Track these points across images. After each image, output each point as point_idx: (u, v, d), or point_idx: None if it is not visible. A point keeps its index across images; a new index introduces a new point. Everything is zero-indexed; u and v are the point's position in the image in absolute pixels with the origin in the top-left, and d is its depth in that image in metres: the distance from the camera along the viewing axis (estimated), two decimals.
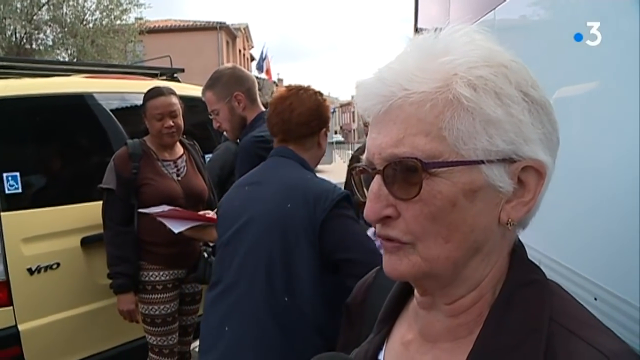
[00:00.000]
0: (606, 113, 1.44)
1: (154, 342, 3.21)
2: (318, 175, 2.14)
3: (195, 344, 3.73)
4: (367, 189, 0.79)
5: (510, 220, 0.72)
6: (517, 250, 0.79)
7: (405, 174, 0.70)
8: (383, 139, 0.72)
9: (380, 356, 0.89)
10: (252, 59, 46.03)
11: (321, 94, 2.17)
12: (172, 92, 3.25)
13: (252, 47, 47.33)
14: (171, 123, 3.17)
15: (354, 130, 75.21)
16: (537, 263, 0.81)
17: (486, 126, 0.68)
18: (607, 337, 0.70)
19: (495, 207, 0.72)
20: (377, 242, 1.09)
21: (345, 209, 1.93)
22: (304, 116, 2.09)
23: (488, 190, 0.70)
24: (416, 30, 4.76)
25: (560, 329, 0.70)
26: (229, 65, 3.19)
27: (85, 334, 3.29)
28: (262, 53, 37.46)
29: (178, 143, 3.37)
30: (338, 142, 24.22)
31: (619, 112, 1.38)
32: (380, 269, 1.05)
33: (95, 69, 4.51)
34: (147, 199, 3.11)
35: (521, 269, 0.77)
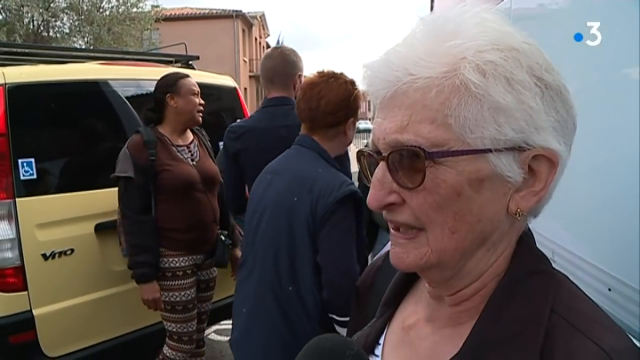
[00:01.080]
0: (606, 113, 1.43)
1: (174, 329, 3.21)
2: None
3: (212, 329, 3.76)
4: (365, 175, 0.79)
5: (519, 210, 0.70)
6: (525, 239, 0.76)
7: (409, 161, 0.68)
8: (388, 125, 0.70)
9: (381, 340, 0.88)
10: (268, 47, 46.00)
11: (353, 83, 2.12)
12: None
13: (268, 35, 47.33)
14: (202, 101, 3.27)
15: (370, 119, 75.11)
16: (551, 253, 0.79)
17: (495, 114, 0.66)
18: (610, 333, 0.67)
19: (503, 196, 0.70)
20: (386, 249, 1.07)
21: (346, 209, 1.94)
22: (331, 105, 2.05)
23: (495, 179, 0.68)
24: None
25: (561, 322, 0.68)
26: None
27: (99, 320, 3.31)
28: (278, 42, 37.41)
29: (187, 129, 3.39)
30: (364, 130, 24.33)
31: (619, 112, 1.38)
32: (389, 254, 1.04)
33: (110, 55, 4.50)
34: (166, 185, 3.12)
35: (527, 258, 0.75)
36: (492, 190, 0.68)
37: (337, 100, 2.05)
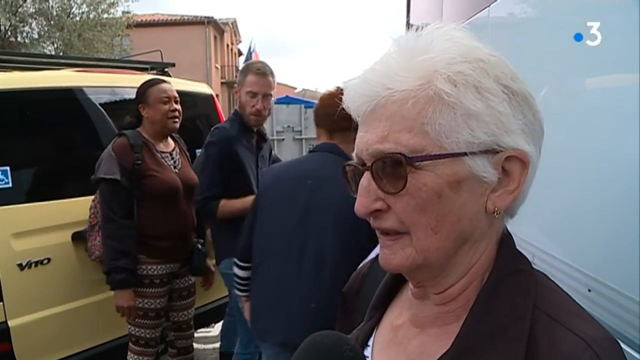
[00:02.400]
0: (606, 113, 1.44)
1: (142, 335, 3.16)
2: None
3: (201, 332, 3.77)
4: (351, 186, 0.84)
5: (496, 208, 0.75)
6: (505, 240, 0.82)
7: (392, 168, 0.73)
8: (370, 136, 0.75)
9: (370, 342, 0.92)
10: (240, 53, 45.88)
11: None
12: (169, 82, 3.35)
13: (240, 41, 47.18)
14: (176, 107, 3.20)
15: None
16: (532, 257, 0.82)
17: (467, 119, 0.71)
18: (588, 324, 0.73)
19: (480, 196, 0.75)
20: (370, 256, 1.12)
21: None
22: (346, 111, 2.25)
23: (472, 180, 0.73)
24: (408, 25, 4.78)
25: (543, 317, 0.73)
26: None
27: (76, 330, 3.27)
28: (249, 48, 37.30)
29: (168, 136, 3.36)
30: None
31: (619, 112, 1.38)
32: (375, 260, 1.09)
33: (86, 62, 4.45)
34: (151, 191, 3.08)
35: (508, 258, 0.80)
36: (470, 191, 0.73)
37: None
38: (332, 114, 2.18)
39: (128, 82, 3.97)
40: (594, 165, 1.47)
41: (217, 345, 4.36)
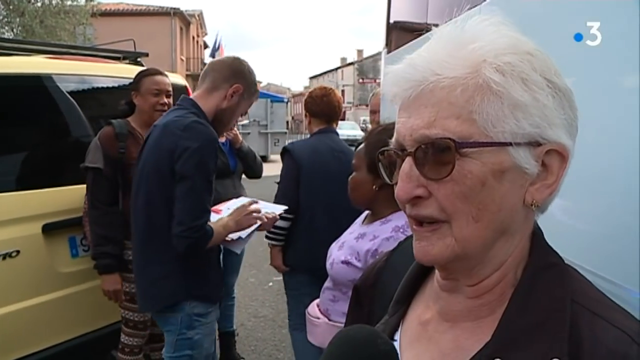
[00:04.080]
0: (606, 113, 1.46)
1: (130, 317, 3.26)
2: (273, 164, 2.64)
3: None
4: (385, 173, 0.84)
5: (534, 201, 0.76)
6: (537, 234, 0.82)
7: (437, 154, 0.73)
8: (414, 122, 0.75)
9: (397, 336, 0.91)
10: (206, 46, 45.41)
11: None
12: (166, 75, 3.43)
13: (206, 34, 46.69)
14: (166, 101, 3.29)
15: (305, 120, 75.36)
16: None
17: (514, 110, 0.72)
18: (626, 317, 0.74)
19: (520, 188, 0.75)
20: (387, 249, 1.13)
21: None
22: (339, 104, 3.56)
23: (515, 171, 0.74)
24: (388, 23, 4.77)
25: (583, 310, 0.73)
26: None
27: (46, 324, 3.17)
28: (215, 41, 36.93)
29: None
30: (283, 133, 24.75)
31: (619, 113, 1.40)
32: (392, 253, 1.09)
33: (57, 49, 4.31)
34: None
35: (542, 252, 0.81)
36: (511, 182, 0.74)
37: (339, 102, 3.56)
38: (331, 107, 3.46)
39: (100, 71, 3.90)
40: (594, 165, 1.48)
41: None
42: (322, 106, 3.45)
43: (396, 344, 0.89)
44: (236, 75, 2.59)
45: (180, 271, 2.46)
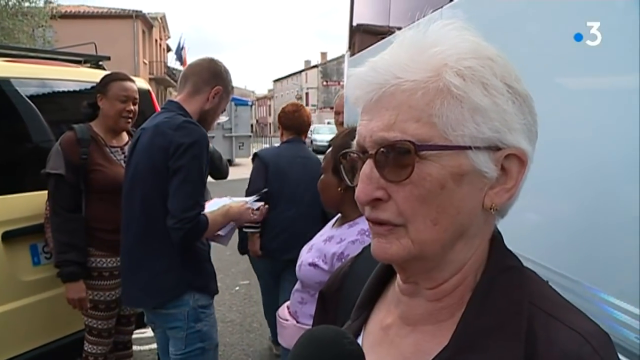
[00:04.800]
0: (606, 113, 1.45)
1: (94, 325, 3.21)
2: (238, 167, 2.82)
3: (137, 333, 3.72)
4: (347, 175, 0.84)
5: (493, 205, 0.76)
6: (497, 238, 0.83)
7: (397, 157, 0.73)
8: (375, 124, 0.75)
9: (359, 341, 0.91)
10: (169, 49, 44.89)
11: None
12: (134, 81, 3.38)
13: (169, 37, 46.19)
14: (132, 108, 3.23)
15: (270, 124, 75.07)
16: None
17: (473, 114, 0.72)
18: (581, 318, 0.76)
19: (480, 191, 0.76)
20: (351, 254, 1.13)
21: None
22: (308, 120, 4.22)
23: (474, 175, 0.74)
24: (351, 26, 4.79)
25: (539, 312, 0.75)
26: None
27: (8, 334, 3.09)
28: (179, 43, 36.54)
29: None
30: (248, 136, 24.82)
31: (619, 113, 1.39)
32: (356, 258, 1.09)
33: (15, 52, 4.20)
34: (97, 185, 3.08)
35: (501, 255, 0.82)
36: (470, 185, 0.75)
37: (309, 117, 4.23)
38: (300, 121, 4.12)
39: (60, 75, 3.82)
40: (594, 166, 1.47)
41: (154, 346, 4.26)
42: (293, 120, 4.10)
43: None
44: (216, 77, 2.72)
45: (180, 264, 2.55)
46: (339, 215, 2.32)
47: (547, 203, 1.65)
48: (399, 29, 0.82)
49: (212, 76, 2.70)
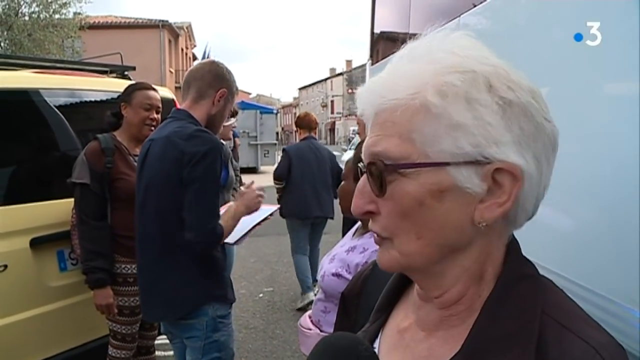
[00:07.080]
0: (606, 113, 1.44)
1: (118, 330, 3.25)
2: (263, 175, 2.92)
3: (161, 339, 3.76)
4: None
5: (482, 220, 0.74)
6: (512, 246, 0.82)
7: (378, 172, 0.76)
8: (369, 140, 0.79)
9: (376, 344, 0.92)
10: (195, 58, 45.34)
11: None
12: (157, 90, 3.45)
13: (195, 46, 46.68)
14: (156, 116, 3.30)
15: (295, 132, 75.38)
16: None
17: (451, 130, 0.72)
18: (594, 329, 0.74)
19: (466, 206, 0.74)
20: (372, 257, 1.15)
21: None
22: (315, 120, 6.51)
23: (456, 191, 0.73)
24: (372, 34, 4.80)
25: (552, 322, 0.74)
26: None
27: (35, 338, 3.16)
28: (204, 52, 36.87)
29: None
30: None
31: (619, 113, 1.38)
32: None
33: (43, 64, 4.32)
34: (121, 193, 3.12)
35: (516, 263, 0.81)
36: (453, 201, 0.74)
37: (315, 119, 6.54)
38: (309, 121, 6.43)
39: (87, 85, 3.90)
40: (594, 166, 1.46)
41: None
42: (304, 121, 6.46)
43: None
44: (219, 80, 2.66)
45: (199, 275, 2.53)
46: (359, 224, 2.32)
47: (546, 203, 1.62)
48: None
49: (215, 79, 2.65)
